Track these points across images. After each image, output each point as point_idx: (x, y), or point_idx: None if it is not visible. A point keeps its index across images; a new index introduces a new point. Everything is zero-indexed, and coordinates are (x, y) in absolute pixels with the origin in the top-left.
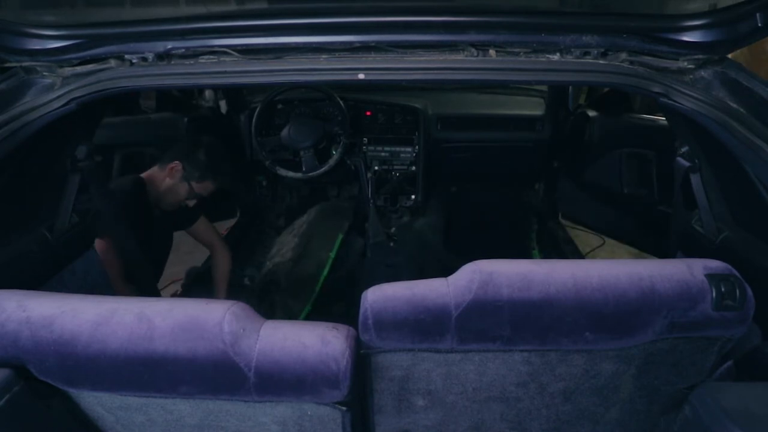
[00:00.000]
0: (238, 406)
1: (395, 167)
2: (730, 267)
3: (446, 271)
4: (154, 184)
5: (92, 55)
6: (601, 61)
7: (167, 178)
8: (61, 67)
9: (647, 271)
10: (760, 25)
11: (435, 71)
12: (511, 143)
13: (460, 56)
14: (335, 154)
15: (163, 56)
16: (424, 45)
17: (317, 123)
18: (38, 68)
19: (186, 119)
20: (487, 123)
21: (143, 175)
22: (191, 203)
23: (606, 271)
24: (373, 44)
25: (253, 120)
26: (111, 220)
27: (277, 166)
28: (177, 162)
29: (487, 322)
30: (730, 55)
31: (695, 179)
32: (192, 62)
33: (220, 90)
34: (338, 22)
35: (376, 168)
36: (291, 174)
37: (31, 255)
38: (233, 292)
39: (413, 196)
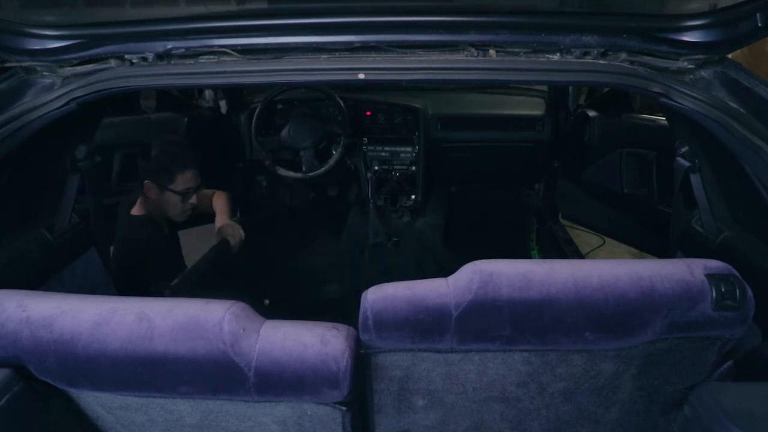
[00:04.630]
0: (238, 406)
1: (395, 167)
2: (730, 267)
3: (446, 271)
4: (154, 211)
5: (92, 55)
6: (601, 61)
7: (152, 200)
8: (61, 67)
9: (647, 271)
10: (760, 25)
11: (435, 71)
12: (511, 143)
13: (460, 56)
14: (335, 154)
15: (163, 56)
16: (424, 45)
17: (317, 123)
18: (38, 68)
19: (186, 119)
20: (487, 123)
21: (144, 212)
22: (194, 200)
23: (606, 271)
24: (373, 44)
25: (253, 120)
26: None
27: (277, 166)
28: (145, 181)
29: (487, 322)
30: (730, 55)
31: (695, 179)
32: (192, 62)
33: (220, 90)
34: (338, 22)
35: (376, 168)
36: (291, 174)
37: (31, 255)
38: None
39: (413, 196)
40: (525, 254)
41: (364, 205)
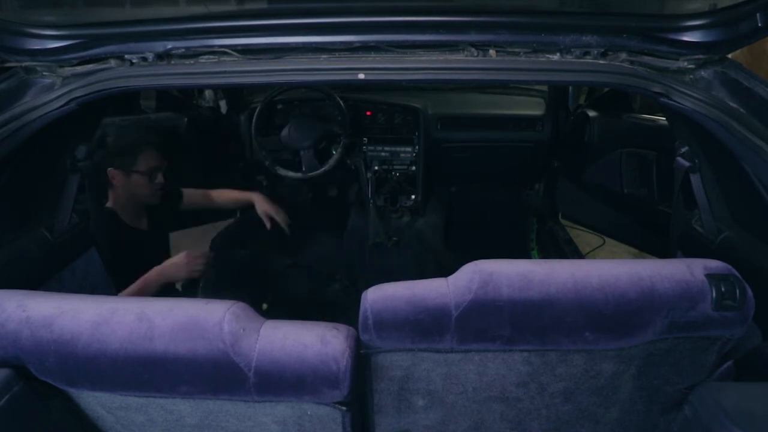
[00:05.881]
0: (238, 406)
1: (395, 167)
2: (730, 267)
3: (446, 271)
4: (120, 202)
5: (92, 55)
6: (601, 61)
7: (118, 187)
8: (61, 67)
9: (647, 271)
10: (760, 25)
11: (435, 71)
12: (511, 143)
13: (460, 56)
14: (335, 154)
15: (163, 56)
16: (424, 45)
17: (317, 123)
18: (38, 68)
19: (186, 119)
20: (487, 123)
21: (111, 206)
22: (160, 181)
23: (606, 271)
24: (373, 44)
25: (253, 120)
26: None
27: (277, 166)
28: (108, 169)
29: (487, 322)
30: (730, 55)
31: (695, 179)
32: (192, 62)
33: (220, 90)
34: (338, 22)
35: (376, 168)
36: (291, 174)
37: (31, 255)
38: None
39: (413, 196)
40: (525, 254)
41: (364, 205)
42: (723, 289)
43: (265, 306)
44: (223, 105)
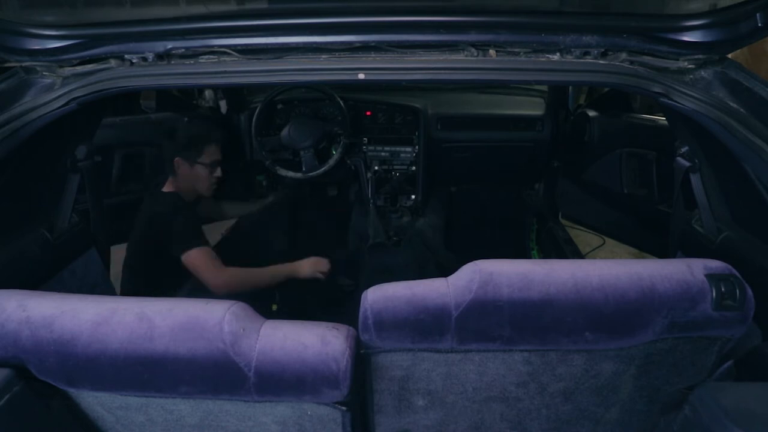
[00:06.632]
0: (238, 406)
1: (395, 167)
2: (730, 267)
3: (446, 271)
4: (185, 188)
5: (92, 55)
6: (601, 61)
7: (183, 175)
8: (61, 67)
9: (647, 271)
10: (760, 25)
11: (435, 71)
12: (511, 143)
13: (460, 56)
14: (335, 154)
15: (163, 56)
16: (424, 45)
17: (317, 123)
18: (38, 68)
19: (186, 119)
20: (487, 123)
21: (173, 189)
22: (219, 173)
23: (606, 271)
24: (373, 44)
25: (253, 120)
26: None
27: (277, 166)
28: (175, 159)
29: (487, 322)
30: (730, 55)
31: (695, 179)
32: (192, 62)
33: (220, 90)
34: (338, 22)
35: (376, 168)
36: (291, 174)
37: (31, 255)
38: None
39: (413, 196)
40: (525, 254)
41: (365, 205)
42: (723, 289)
43: (274, 307)
44: (223, 105)
